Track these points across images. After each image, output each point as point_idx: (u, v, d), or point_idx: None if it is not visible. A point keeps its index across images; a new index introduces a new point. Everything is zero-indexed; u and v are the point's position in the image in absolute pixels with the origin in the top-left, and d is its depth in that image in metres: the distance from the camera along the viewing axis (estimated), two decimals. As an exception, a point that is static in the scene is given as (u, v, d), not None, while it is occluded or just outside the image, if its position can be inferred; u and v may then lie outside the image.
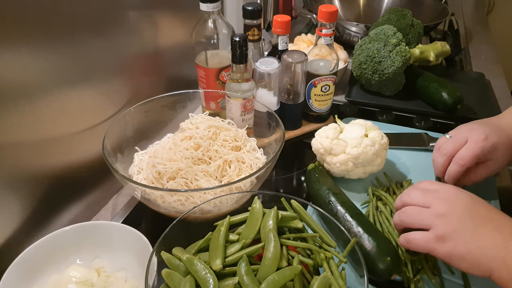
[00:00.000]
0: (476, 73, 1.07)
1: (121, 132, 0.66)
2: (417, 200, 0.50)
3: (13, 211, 0.53)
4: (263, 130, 0.73)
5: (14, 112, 0.49)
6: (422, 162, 0.74)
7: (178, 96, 0.73)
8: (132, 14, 0.67)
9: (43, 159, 0.56)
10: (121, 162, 0.64)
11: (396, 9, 1.06)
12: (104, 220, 0.66)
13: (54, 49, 0.53)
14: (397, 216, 0.51)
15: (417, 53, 1.01)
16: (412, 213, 0.49)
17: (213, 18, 0.72)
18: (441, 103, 0.88)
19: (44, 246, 0.52)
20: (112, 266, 0.55)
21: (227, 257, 0.43)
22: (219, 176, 0.62)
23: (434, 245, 0.46)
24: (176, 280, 0.42)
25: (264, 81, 0.75)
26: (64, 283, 0.51)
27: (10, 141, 0.50)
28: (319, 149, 0.68)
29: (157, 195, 0.57)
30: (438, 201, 0.48)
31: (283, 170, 0.76)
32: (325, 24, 0.73)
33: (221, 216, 0.49)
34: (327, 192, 0.61)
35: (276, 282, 0.39)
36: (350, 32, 1.17)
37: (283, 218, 0.47)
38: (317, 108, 0.83)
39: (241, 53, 0.67)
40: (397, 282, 0.53)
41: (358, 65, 0.94)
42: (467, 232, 0.45)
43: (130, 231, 0.53)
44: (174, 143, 0.64)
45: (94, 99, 0.63)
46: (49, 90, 0.54)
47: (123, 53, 0.68)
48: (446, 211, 0.47)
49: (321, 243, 0.48)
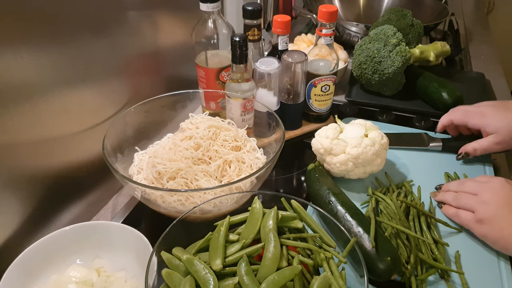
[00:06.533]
0: (476, 73, 1.07)
1: (121, 132, 0.66)
2: (468, 189, 0.61)
3: (13, 211, 0.53)
4: (263, 130, 0.73)
5: (14, 112, 0.49)
6: (422, 162, 0.74)
7: (178, 96, 0.73)
8: (132, 14, 0.67)
9: (43, 159, 0.56)
10: (121, 162, 0.64)
11: (396, 9, 1.06)
12: (104, 220, 0.66)
13: (54, 49, 0.53)
14: (451, 198, 0.62)
15: (417, 53, 1.01)
16: (462, 198, 0.60)
17: (213, 18, 0.72)
18: (441, 103, 0.88)
19: (44, 246, 0.52)
20: (112, 266, 0.55)
21: (227, 257, 0.43)
22: (219, 176, 0.62)
23: (473, 225, 0.58)
24: (176, 280, 0.42)
25: (264, 81, 0.75)
26: (64, 283, 0.51)
27: (10, 141, 0.50)
28: (319, 149, 0.68)
29: (157, 195, 0.57)
30: (484, 191, 0.58)
31: (283, 170, 0.76)
32: (325, 24, 0.73)
33: (221, 216, 0.49)
34: (327, 192, 0.61)
35: (276, 282, 0.39)
36: (350, 32, 1.17)
37: (283, 218, 0.47)
38: (317, 108, 0.83)
39: (241, 53, 0.67)
40: (397, 282, 0.53)
41: (358, 65, 0.94)
42: (503, 220, 0.55)
43: (130, 231, 0.53)
44: (174, 143, 0.64)
45: (94, 99, 0.63)
46: (49, 90, 0.54)
47: (123, 53, 0.68)
48: (488, 199, 0.57)
49: (321, 243, 0.48)
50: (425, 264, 0.54)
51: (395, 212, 0.59)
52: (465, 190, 0.61)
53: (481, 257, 0.57)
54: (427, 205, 0.65)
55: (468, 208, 0.59)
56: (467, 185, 0.61)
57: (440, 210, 0.64)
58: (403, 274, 0.52)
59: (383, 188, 0.67)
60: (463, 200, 0.60)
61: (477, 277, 0.54)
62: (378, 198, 0.63)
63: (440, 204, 0.64)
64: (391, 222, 0.57)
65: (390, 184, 0.68)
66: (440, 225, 0.61)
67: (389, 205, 0.61)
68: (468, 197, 0.60)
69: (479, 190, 0.59)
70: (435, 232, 0.59)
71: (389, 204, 0.61)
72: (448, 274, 0.53)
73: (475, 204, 0.58)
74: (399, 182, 0.69)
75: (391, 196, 0.63)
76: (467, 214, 0.59)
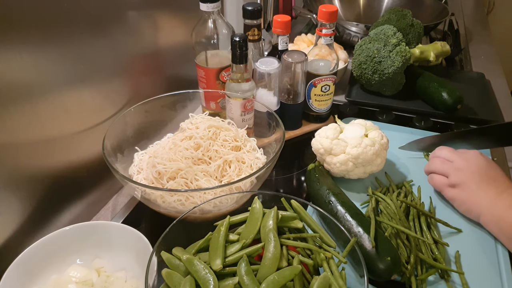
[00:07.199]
0: (476, 73, 1.07)
1: (121, 132, 0.66)
2: (445, 155, 0.66)
3: (13, 211, 0.53)
4: (263, 130, 0.73)
5: (14, 112, 0.49)
6: (423, 162, 0.74)
7: (178, 96, 0.73)
8: (132, 14, 0.67)
9: (43, 159, 0.56)
10: (121, 162, 0.64)
11: (396, 9, 1.06)
12: (104, 220, 0.66)
13: (54, 49, 0.53)
14: (427, 166, 0.68)
15: (417, 53, 1.01)
16: (437, 163, 0.66)
17: (213, 18, 0.72)
18: (441, 103, 0.88)
19: (44, 246, 0.52)
20: (112, 266, 0.55)
21: (227, 257, 0.43)
22: (219, 176, 0.62)
23: (445, 188, 0.64)
24: (176, 280, 0.42)
25: (264, 81, 0.75)
26: (64, 283, 0.51)
27: (10, 141, 0.50)
28: (319, 149, 0.68)
29: (157, 195, 0.57)
30: (459, 159, 0.63)
31: (283, 170, 0.76)
32: (325, 24, 0.73)
33: (221, 216, 0.49)
34: (327, 192, 0.61)
35: (276, 282, 0.39)
36: (350, 32, 1.17)
37: (283, 218, 0.47)
38: (317, 108, 0.83)
39: (241, 53, 0.67)
40: (397, 282, 0.53)
41: (358, 65, 0.94)
42: (472, 185, 0.60)
43: (130, 231, 0.53)
44: (174, 143, 0.64)
45: (94, 99, 0.63)
46: (49, 90, 0.54)
47: (123, 53, 0.68)
48: (463, 166, 0.62)
49: (321, 243, 0.48)
50: (425, 264, 0.54)
51: (395, 212, 0.59)
52: (442, 156, 0.66)
53: (481, 257, 0.57)
54: (427, 205, 0.65)
55: (442, 173, 0.64)
56: (445, 153, 0.66)
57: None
58: (403, 274, 0.52)
59: (383, 188, 0.67)
60: (438, 165, 0.65)
61: (477, 277, 0.54)
62: (378, 198, 0.63)
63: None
64: (391, 222, 0.57)
65: (390, 184, 0.68)
66: (440, 225, 0.61)
67: (389, 205, 0.61)
68: (443, 163, 0.65)
69: (455, 158, 0.64)
70: (435, 232, 0.59)
71: (389, 204, 0.61)
72: (448, 274, 0.53)
73: (449, 169, 0.63)
74: (399, 182, 0.69)
75: (391, 196, 0.63)
76: (441, 178, 0.64)
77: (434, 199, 0.66)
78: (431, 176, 0.67)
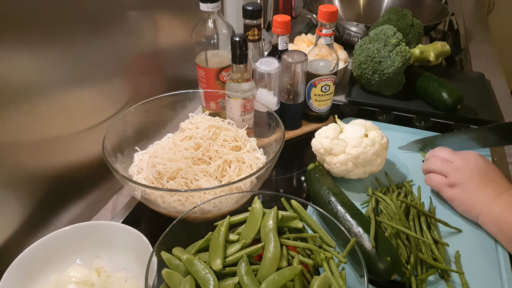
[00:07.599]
0: (476, 73, 1.07)
1: (121, 132, 0.66)
2: (444, 155, 0.66)
3: (13, 211, 0.53)
4: (263, 130, 0.73)
5: (14, 112, 0.49)
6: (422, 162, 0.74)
7: (178, 96, 0.73)
8: (132, 14, 0.67)
9: (43, 159, 0.56)
10: (121, 162, 0.64)
11: (396, 9, 1.06)
12: (104, 220, 0.66)
13: (54, 49, 0.53)
14: (425, 165, 0.68)
15: (417, 53, 1.01)
16: (436, 162, 0.66)
17: (213, 18, 0.72)
18: (441, 103, 0.88)
19: (44, 246, 0.52)
20: (112, 266, 0.55)
21: (227, 257, 0.43)
22: (219, 176, 0.62)
23: (444, 188, 0.63)
24: (176, 280, 0.42)
25: (264, 81, 0.75)
26: (64, 283, 0.51)
27: (10, 141, 0.50)
28: (319, 149, 0.68)
29: (157, 195, 0.57)
30: (459, 159, 0.63)
31: (283, 170, 0.76)
32: (325, 24, 0.73)
33: (221, 216, 0.49)
34: (327, 192, 0.61)
35: (276, 282, 0.39)
36: (350, 32, 1.17)
37: (283, 218, 0.47)
38: (317, 108, 0.83)
39: (241, 53, 0.67)
40: (397, 282, 0.53)
41: (358, 65, 0.94)
42: (472, 185, 0.60)
43: (130, 231, 0.53)
44: (174, 143, 0.64)
45: (94, 99, 0.63)
46: (49, 90, 0.54)
47: (123, 53, 0.68)
48: (462, 166, 0.62)
49: (321, 243, 0.48)
50: (425, 264, 0.54)
51: (395, 212, 0.59)
52: (441, 156, 0.66)
53: (481, 257, 0.57)
54: (427, 205, 0.65)
55: (442, 172, 0.64)
56: (444, 153, 0.66)
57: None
58: (403, 274, 0.52)
59: (383, 188, 0.67)
60: (438, 164, 0.65)
61: (477, 277, 0.54)
62: (378, 198, 0.63)
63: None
64: (391, 222, 0.57)
65: (390, 184, 0.68)
66: (440, 225, 0.61)
67: (389, 205, 0.61)
68: (442, 162, 0.65)
69: (454, 158, 0.64)
70: (435, 232, 0.59)
71: (389, 204, 0.61)
72: (448, 274, 0.53)
73: (449, 169, 0.63)
74: (399, 182, 0.69)
75: (391, 196, 0.63)
76: (439, 178, 0.64)
77: (434, 199, 0.66)
78: (429, 176, 0.66)
